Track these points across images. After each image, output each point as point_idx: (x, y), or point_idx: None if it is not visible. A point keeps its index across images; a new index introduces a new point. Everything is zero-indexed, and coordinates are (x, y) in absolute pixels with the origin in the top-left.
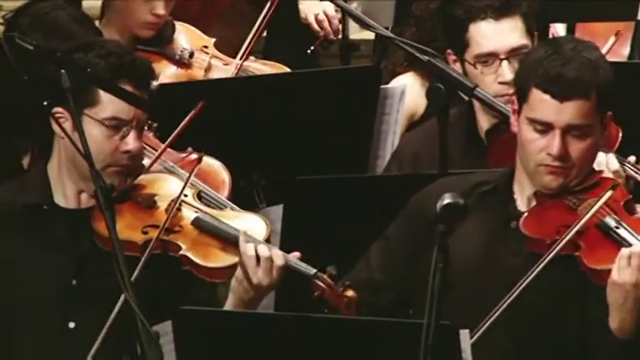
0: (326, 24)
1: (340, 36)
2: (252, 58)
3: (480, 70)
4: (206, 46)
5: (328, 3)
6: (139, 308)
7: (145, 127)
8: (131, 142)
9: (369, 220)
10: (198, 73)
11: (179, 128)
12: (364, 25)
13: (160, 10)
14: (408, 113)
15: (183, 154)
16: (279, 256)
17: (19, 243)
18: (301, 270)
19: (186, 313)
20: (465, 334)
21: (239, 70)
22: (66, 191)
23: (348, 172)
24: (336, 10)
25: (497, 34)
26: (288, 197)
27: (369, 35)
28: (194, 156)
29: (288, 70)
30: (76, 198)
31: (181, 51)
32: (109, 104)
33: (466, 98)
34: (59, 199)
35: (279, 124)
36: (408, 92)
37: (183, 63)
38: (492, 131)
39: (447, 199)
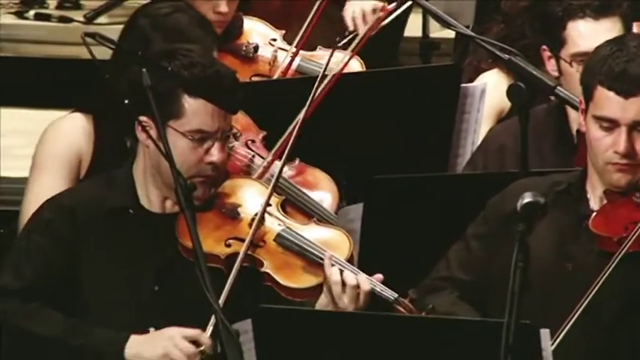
0: (359, 21)
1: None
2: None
3: (575, 69)
4: (274, 39)
5: (374, 2)
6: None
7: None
8: (215, 154)
9: (448, 219)
10: (263, 68)
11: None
12: (445, 24)
13: (223, 7)
14: (496, 109)
15: (293, 166)
16: (365, 282)
17: (104, 243)
18: (384, 296)
19: (267, 312)
20: (545, 334)
21: (293, 59)
22: (150, 196)
23: (428, 171)
24: (380, 9)
25: (596, 34)
26: (368, 196)
27: (450, 34)
28: (303, 168)
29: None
30: (161, 204)
31: (246, 46)
32: (193, 117)
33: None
34: (145, 203)
35: (360, 123)
36: (494, 89)
37: (248, 58)
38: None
39: (527, 198)
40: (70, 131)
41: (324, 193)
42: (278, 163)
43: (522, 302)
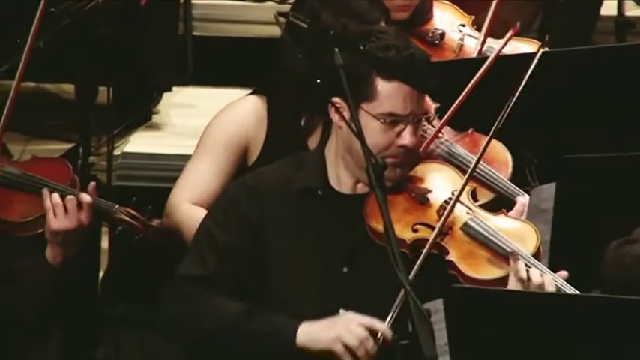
0: None
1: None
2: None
3: None
4: (462, 25)
5: None
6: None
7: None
8: (407, 138)
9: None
10: (449, 55)
11: (454, 106)
12: None
13: None
14: None
15: (463, 134)
16: (550, 283)
17: (291, 224)
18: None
19: (459, 291)
20: None
21: (482, 46)
22: (341, 177)
23: (622, 152)
24: None
25: None
26: (560, 176)
27: None
28: (478, 138)
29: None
30: (352, 185)
31: (432, 32)
32: (386, 100)
33: None
34: (334, 184)
35: (551, 101)
36: None
37: (434, 44)
38: None
39: None
40: (240, 116)
41: (499, 163)
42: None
43: None
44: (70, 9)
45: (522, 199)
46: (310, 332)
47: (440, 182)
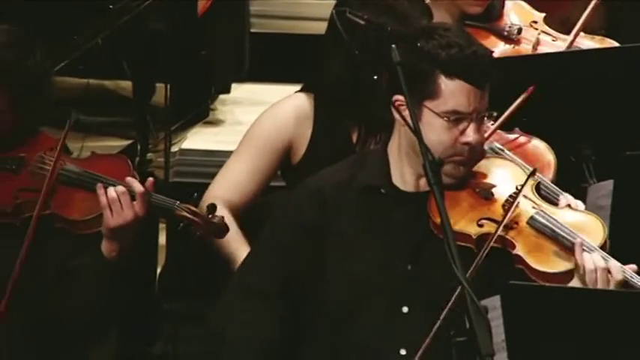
0: None
1: None
2: (581, 34)
3: None
4: (535, 22)
5: None
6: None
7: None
8: (470, 135)
9: None
10: (526, 49)
11: (508, 111)
12: None
13: None
14: None
15: (511, 136)
16: (617, 271)
17: (356, 223)
18: (638, 286)
19: (516, 289)
20: None
21: (570, 45)
22: (405, 175)
23: None
24: None
25: None
26: (618, 173)
27: None
28: (522, 138)
29: (616, 44)
30: (415, 182)
31: (509, 27)
32: (449, 98)
33: None
34: (397, 182)
35: (611, 97)
36: None
37: (511, 39)
38: None
39: None
40: (285, 116)
41: (542, 164)
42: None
43: None
44: (128, 6)
45: (564, 199)
46: None
47: (503, 177)
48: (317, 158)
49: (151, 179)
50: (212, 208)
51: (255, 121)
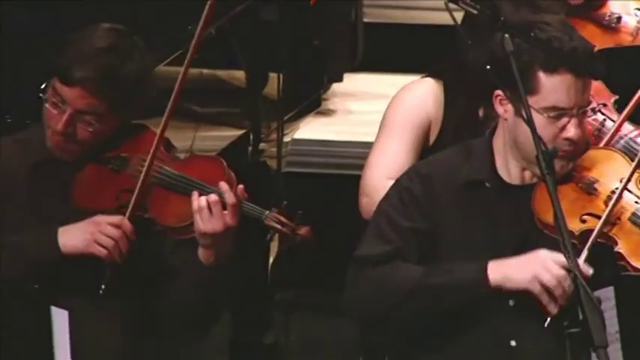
0: None
1: None
2: None
3: None
4: (638, 9)
5: None
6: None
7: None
8: (572, 130)
9: None
10: (625, 39)
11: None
12: None
13: None
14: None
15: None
16: None
17: (461, 214)
18: None
19: (629, 280)
20: None
21: None
22: (510, 168)
23: None
24: None
25: None
26: None
27: None
28: None
29: None
30: (520, 175)
31: (609, 16)
32: (549, 94)
33: None
34: (503, 175)
35: None
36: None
37: (610, 28)
38: None
39: None
40: (422, 96)
41: None
42: (628, 127)
43: None
44: None
45: None
46: (504, 272)
47: (608, 170)
48: (448, 142)
49: (240, 186)
50: (301, 217)
51: (392, 104)
